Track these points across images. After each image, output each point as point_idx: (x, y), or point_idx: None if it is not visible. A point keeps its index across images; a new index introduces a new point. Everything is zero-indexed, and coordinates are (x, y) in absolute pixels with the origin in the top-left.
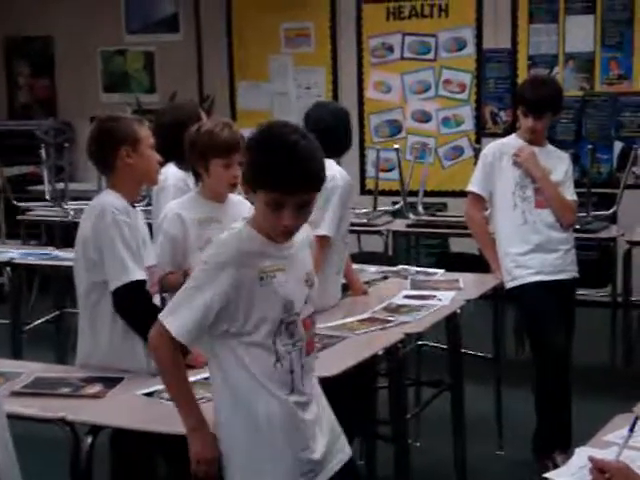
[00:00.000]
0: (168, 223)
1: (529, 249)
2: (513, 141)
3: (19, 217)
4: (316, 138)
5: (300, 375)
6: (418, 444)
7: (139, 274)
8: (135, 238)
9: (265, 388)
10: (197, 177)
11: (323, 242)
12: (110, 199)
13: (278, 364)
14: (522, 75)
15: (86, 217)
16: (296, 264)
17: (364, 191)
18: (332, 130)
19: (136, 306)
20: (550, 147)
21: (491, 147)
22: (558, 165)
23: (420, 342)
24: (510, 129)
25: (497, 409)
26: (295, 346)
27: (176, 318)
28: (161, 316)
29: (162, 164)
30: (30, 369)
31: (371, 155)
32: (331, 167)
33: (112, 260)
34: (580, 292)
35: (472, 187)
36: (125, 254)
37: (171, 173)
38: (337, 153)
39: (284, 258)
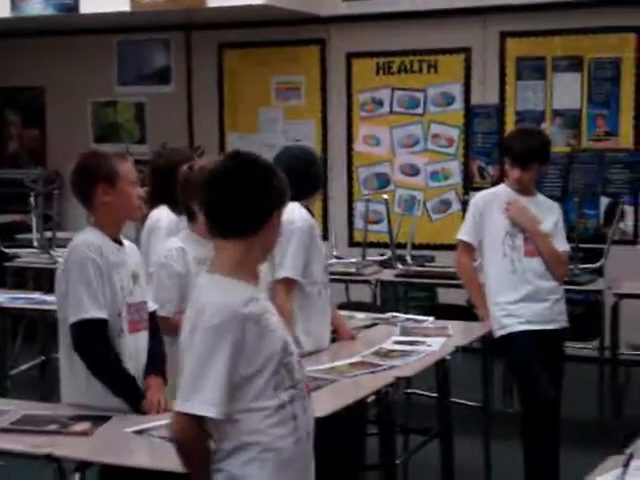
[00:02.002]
0: (172, 259)
1: (518, 298)
2: (503, 191)
3: (6, 264)
4: None
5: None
6: None
7: (96, 313)
8: (107, 276)
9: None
10: (190, 216)
11: (287, 284)
12: (86, 236)
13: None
14: (509, 130)
15: (64, 254)
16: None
17: (352, 243)
18: (294, 172)
19: (88, 344)
20: (540, 197)
21: (481, 196)
22: (548, 215)
23: (409, 390)
24: (497, 184)
25: (485, 458)
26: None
27: (198, 398)
28: (178, 407)
29: (154, 206)
30: (18, 407)
31: (360, 207)
32: (291, 211)
33: (72, 296)
34: (567, 345)
35: (462, 236)
36: (83, 292)
37: (164, 215)
38: (302, 195)
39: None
